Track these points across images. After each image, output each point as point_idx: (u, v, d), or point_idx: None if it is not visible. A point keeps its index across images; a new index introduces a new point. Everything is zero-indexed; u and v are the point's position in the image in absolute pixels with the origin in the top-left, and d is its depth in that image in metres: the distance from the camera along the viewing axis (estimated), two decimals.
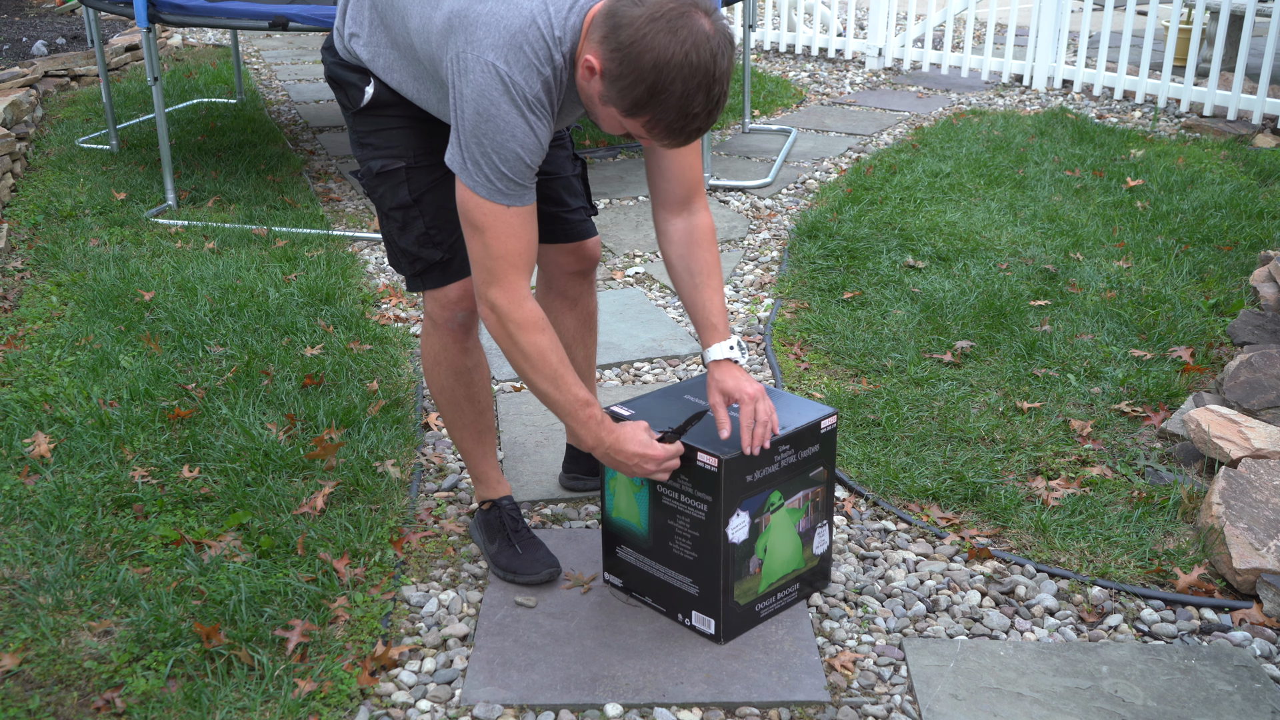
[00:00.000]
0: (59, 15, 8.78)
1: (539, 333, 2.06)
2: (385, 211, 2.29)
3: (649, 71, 1.81)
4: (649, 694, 2.12)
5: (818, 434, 2.27)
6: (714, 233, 2.26)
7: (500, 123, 1.92)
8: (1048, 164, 5.42)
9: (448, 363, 2.39)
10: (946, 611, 2.39)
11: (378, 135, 2.26)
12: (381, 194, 2.28)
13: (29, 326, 3.60)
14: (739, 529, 2.18)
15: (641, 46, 1.80)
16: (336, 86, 2.29)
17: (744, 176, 5.41)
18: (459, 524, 2.66)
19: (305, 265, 4.12)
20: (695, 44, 1.80)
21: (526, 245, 2.03)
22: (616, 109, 1.89)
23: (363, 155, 2.28)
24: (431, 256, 2.29)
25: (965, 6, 7.84)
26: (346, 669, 2.16)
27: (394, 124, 2.24)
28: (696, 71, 1.81)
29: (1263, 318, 3.54)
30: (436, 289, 2.31)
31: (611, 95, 1.87)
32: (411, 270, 2.32)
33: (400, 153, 2.24)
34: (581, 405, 2.11)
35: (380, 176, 2.26)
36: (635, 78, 1.82)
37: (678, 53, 1.79)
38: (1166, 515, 2.67)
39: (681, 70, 1.80)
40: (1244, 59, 6.20)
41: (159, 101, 4.69)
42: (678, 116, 1.85)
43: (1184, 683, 2.17)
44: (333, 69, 2.28)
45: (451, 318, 2.34)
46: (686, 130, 1.88)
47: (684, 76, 1.80)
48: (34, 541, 2.53)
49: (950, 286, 3.95)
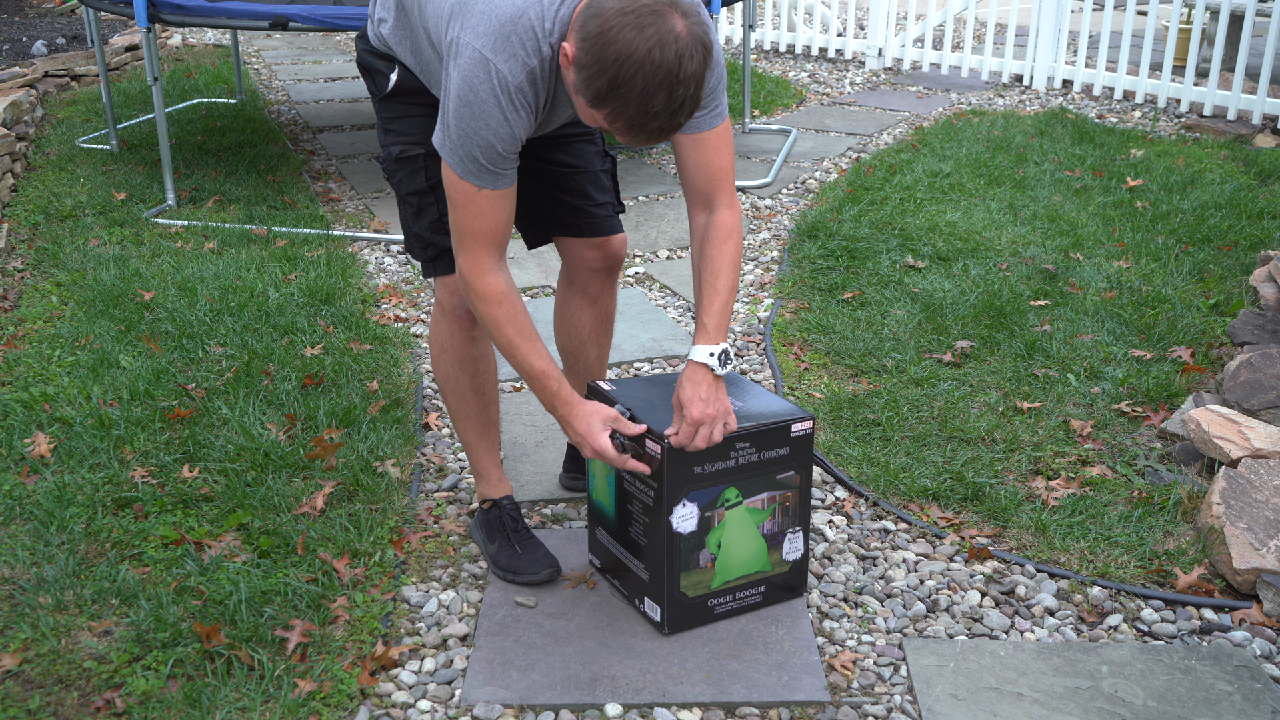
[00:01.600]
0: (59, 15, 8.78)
1: (495, 305, 2.14)
2: (402, 196, 2.36)
3: (610, 64, 1.81)
4: (649, 694, 2.12)
5: (787, 437, 2.25)
6: (733, 231, 2.21)
7: (479, 109, 1.97)
8: (1048, 164, 5.42)
9: (454, 350, 2.42)
10: (946, 611, 2.39)
11: (399, 122, 2.31)
12: (400, 179, 2.34)
13: (29, 326, 3.60)
14: (686, 519, 2.18)
15: (608, 39, 1.81)
16: (365, 73, 2.35)
17: (744, 176, 5.41)
18: (459, 524, 2.66)
19: (305, 265, 4.12)
20: (661, 42, 1.80)
21: (493, 225, 2.11)
22: (584, 98, 1.90)
23: (385, 140, 2.35)
24: (443, 243, 2.33)
25: (965, 6, 7.84)
26: (346, 669, 2.17)
27: (415, 111, 2.30)
28: (659, 70, 1.80)
29: (1263, 318, 3.54)
30: (446, 275, 2.37)
31: (579, 84, 1.88)
32: (424, 255, 2.38)
33: (420, 139, 2.29)
34: (538, 375, 2.17)
35: (399, 161, 2.32)
36: (599, 68, 1.83)
37: (641, 48, 1.79)
38: (1166, 515, 2.67)
39: (643, 67, 1.80)
40: (1244, 59, 6.20)
41: (159, 101, 4.69)
42: (637, 113, 1.85)
43: (1184, 683, 2.17)
44: (363, 56, 2.34)
45: (460, 304, 2.37)
46: (647, 129, 1.87)
47: (645, 74, 1.80)
48: (34, 541, 2.53)
49: (950, 286, 3.95)
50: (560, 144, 2.42)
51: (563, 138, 2.42)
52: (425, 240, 2.36)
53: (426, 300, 3.98)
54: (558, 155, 2.43)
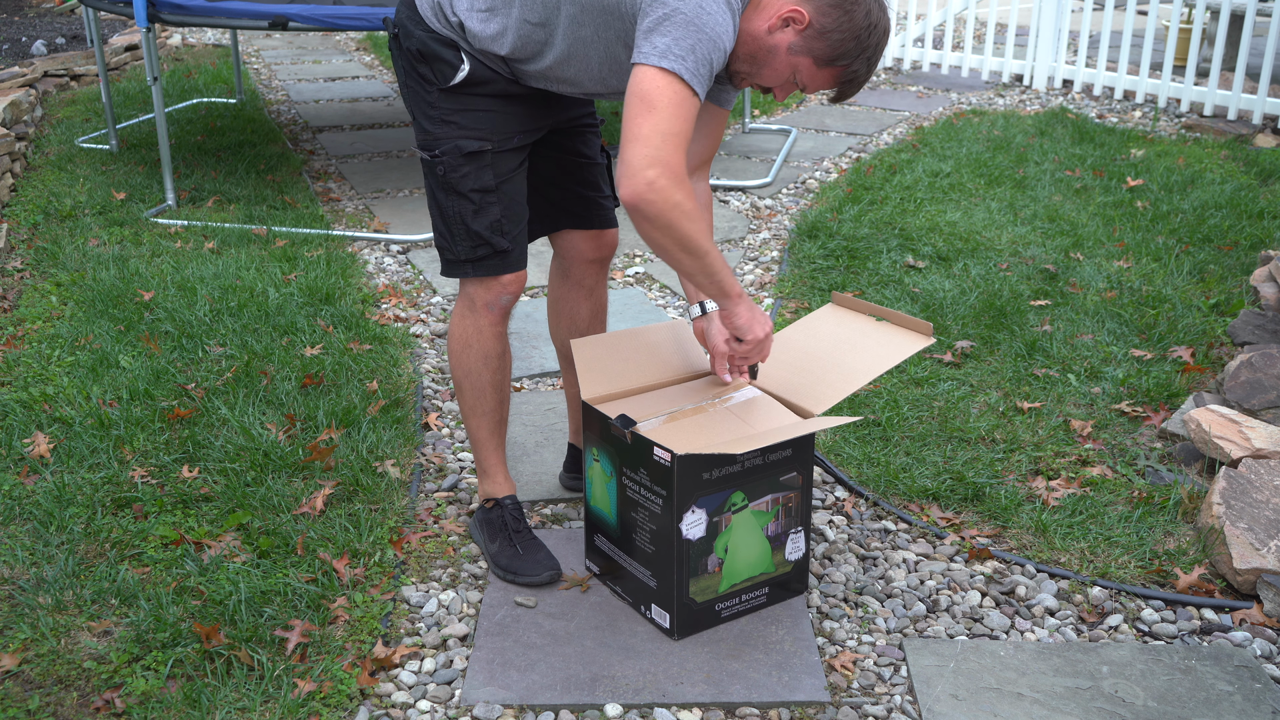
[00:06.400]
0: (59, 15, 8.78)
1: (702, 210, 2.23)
2: (464, 192, 2.30)
3: (863, 29, 2.07)
4: (649, 694, 2.12)
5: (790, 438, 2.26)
6: (712, 200, 2.49)
7: (719, 18, 2.02)
8: (1048, 164, 5.42)
9: (480, 346, 2.42)
10: (947, 612, 2.39)
11: (465, 115, 2.27)
12: (464, 174, 2.28)
13: (29, 326, 3.60)
14: (694, 525, 2.18)
15: (852, 4, 2.06)
16: (423, 61, 2.27)
17: (744, 176, 5.41)
18: (459, 524, 2.66)
19: (305, 265, 4.12)
20: (884, 8, 2.12)
21: (690, 132, 2.06)
22: (813, 59, 2.08)
23: (446, 133, 2.28)
24: (500, 245, 2.32)
25: (965, 6, 7.84)
26: (346, 669, 2.16)
27: (482, 105, 2.27)
28: (884, 34, 2.12)
29: (1263, 317, 3.54)
30: (488, 277, 2.36)
31: (815, 46, 2.07)
32: (472, 254, 2.33)
33: (488, 135, 2.27)
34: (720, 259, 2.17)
35: (467, 157, 2.28)
36: (849, 30, 2.06)
37: (876, 13, 2.09)
38: (1167, 515, 2.67)
39: (880, 31, 2.10)
40: (1244, 59, 6.20)
41: (159, 101, 4.69)
42: (865, 69, 2.13)
43: (1184, 683, 2.17)
44: (425, 43, 2.25)
45: (495, 300, 2.38)
46: (860, 82, 2.16)
47: (878, 36, 2.10)
48: (34, 541, 2.52)
49: (950, 286, 3.95)
50: (577, 133, 2.46)
51: (578, 128, 2.46)
52: (481, 239, 2.31)
53: (426, 300, 3.98)
54: (576, 144, 2.47)
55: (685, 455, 2.11)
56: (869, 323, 2.49)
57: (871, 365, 2.36)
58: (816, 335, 2.50)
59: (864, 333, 2.46)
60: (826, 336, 2.49)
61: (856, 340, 2.44)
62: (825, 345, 2.46)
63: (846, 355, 2.41)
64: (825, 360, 2.41)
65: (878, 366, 2.35)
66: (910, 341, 2.39)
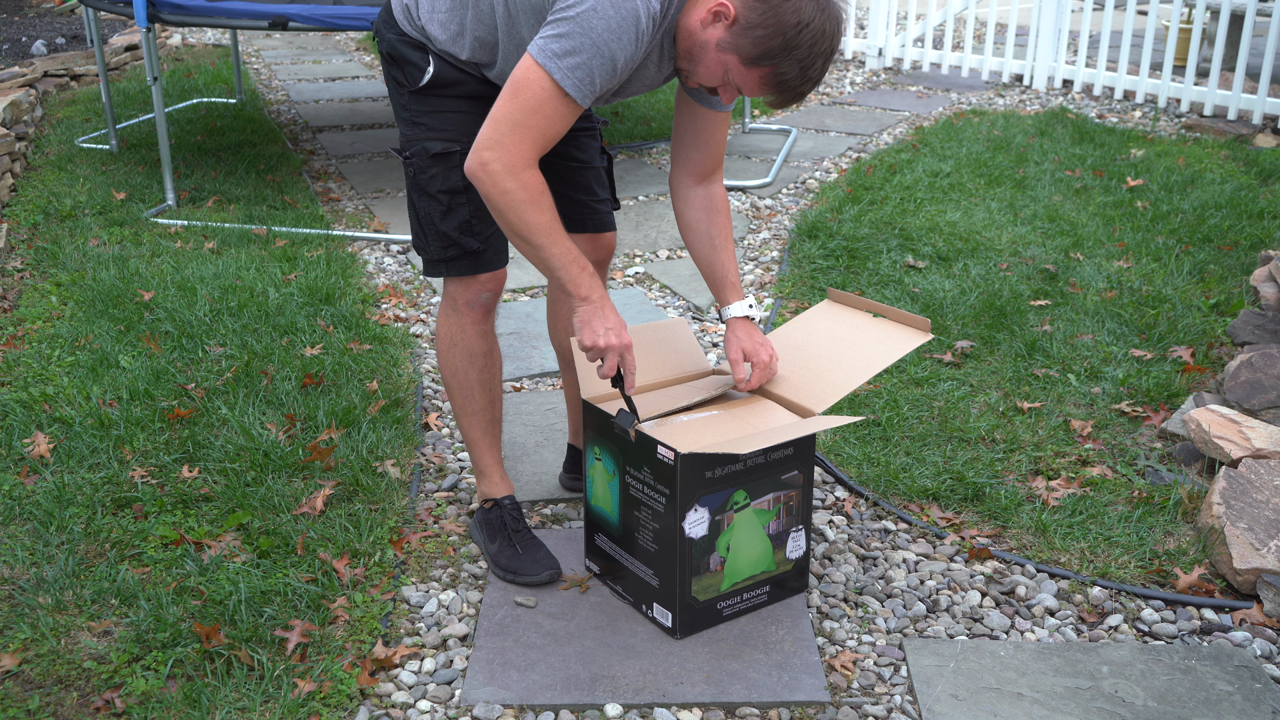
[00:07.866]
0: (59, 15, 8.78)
1: (539, 195, 2.05)
2: (432, 194, 2.31)
3: (790, 28, 1.94)
4: (649, 694, 2.12)
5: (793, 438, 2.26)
6: (729, 203, 2.45)
7: (618, 22, 1.95)
8: (1048, 164, 5.42)
9: (464, 345, 2.42)
10: (947, 612, 2.39)
11: (434, 116, 2.28)
12: (432, 175, 2.29)
13: (29, 326, 3.60)
14: (697, 524, 2.18)
15: (786, 4, 1.94)
16: (394, 64, 2.30)
17: (744, 176, 5.41)
18: (459, 524, 2.66)
19: (305, 265, 4.12)
20: (827, 13, 1.97)
21: (552, 135, 2.06)
22: (739, 57, 1.99)
23: (415, 135, 2.30)
24: (469, 245, 2.33)
25: (965, 6, 7.84)
26: (346, 669, 2.16)
27: (452, 106, 2.28)
28: (823, 38, 1.97)
29: (1263, 318, 3.54)
30: (465, 276, 2.36)
31: (741, 43, 1.97)
32: (444, 255, 2.34)
33: (456, 136, 2.27)
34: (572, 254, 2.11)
35: (435, 158, 2.28)
36: (775, 29, 1.95)
37: (812, 14, 1.95)
38: (1167, 515, 2.67)
39: (812, 33, 1.96)
40: (1244, 59, 6.20)
41: (159, 101, 4.69)
42: (798, 74, 2.00)
43: (1184, 683, 2.17)
44: (394, 45, 2.29)
45: (475, 299, 2.38)
46: (798, 90, 2.03)
47: (812, 39, 1.96)
48: (34, 541, 2.52)
49: (950, 286, 3.95)
50: (569, 136, 2.43)
51: (572, 131, 2.43)
52: (450, 240, 2.32)
53: (426, 300, 3.98)
54: (568, 149, 2.44)
55: (689, 454, 2.11)
56: (866, 319, 2.48)
57: (871, 362, 2.36)
58: (814, 332, 2.50)
59: (862, 329, 2.46)
60: (824, 334, 2.48)
61: (854, 337, 2.44)
62: (823, 342, 2.46)
63: (845, 352, 2.41)
64: (824, 358, 2.41)
65: (877, 363, 2.35)
66: (909, 337, 2.39)
